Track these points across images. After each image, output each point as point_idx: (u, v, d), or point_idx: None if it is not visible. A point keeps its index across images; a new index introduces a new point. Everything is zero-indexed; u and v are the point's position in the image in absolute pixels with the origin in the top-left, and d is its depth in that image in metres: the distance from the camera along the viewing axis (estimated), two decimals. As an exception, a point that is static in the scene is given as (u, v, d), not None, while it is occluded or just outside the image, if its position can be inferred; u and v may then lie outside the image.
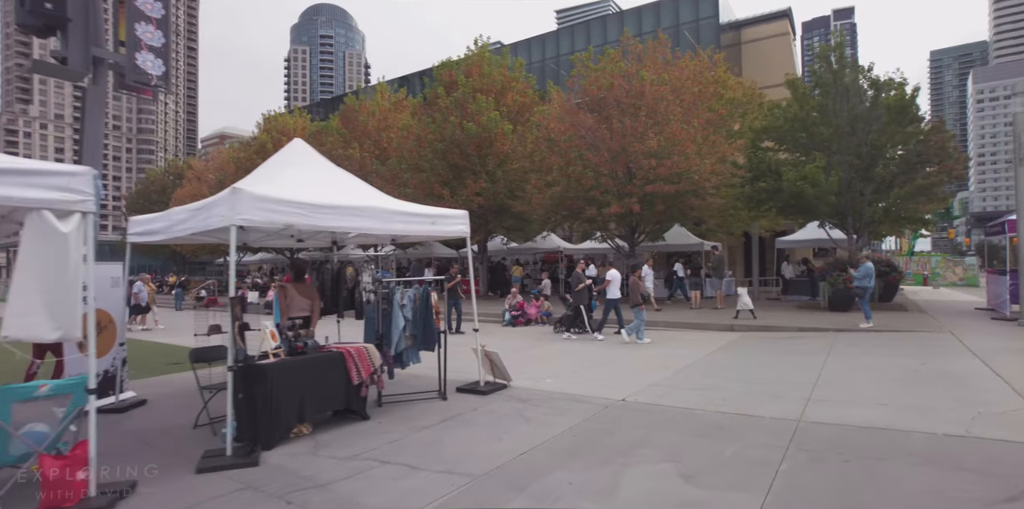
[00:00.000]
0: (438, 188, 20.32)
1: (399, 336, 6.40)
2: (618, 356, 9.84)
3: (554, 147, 18.57)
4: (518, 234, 24.60)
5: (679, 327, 13.74)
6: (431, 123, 21.10)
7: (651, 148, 16.51)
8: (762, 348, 10.43)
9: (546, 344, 11.65)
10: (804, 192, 15.47)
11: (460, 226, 7.02)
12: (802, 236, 21.21)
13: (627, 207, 17.06)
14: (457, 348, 9.46)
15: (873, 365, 8.34)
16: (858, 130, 16.31)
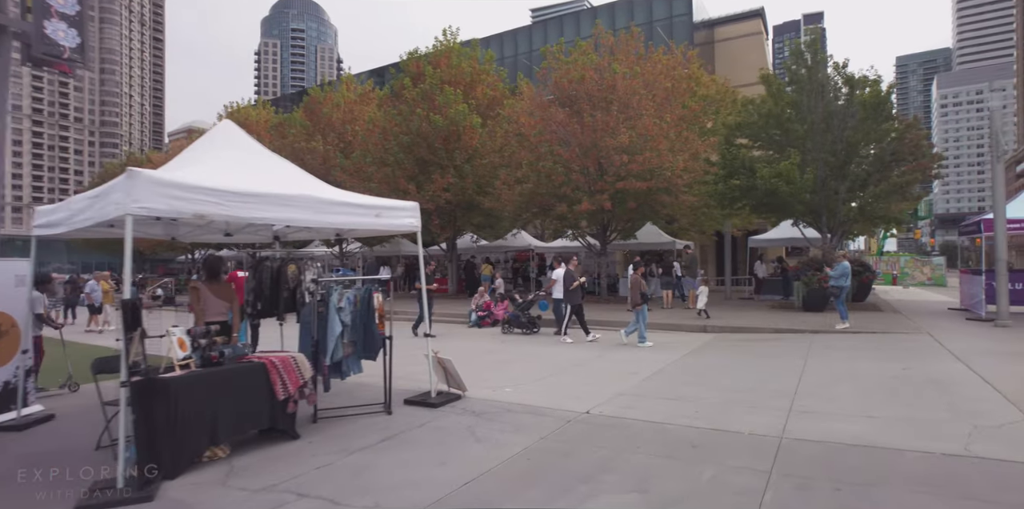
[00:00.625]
0: (404, 183, 19.51)
1: (336, 343, 5.67)
2: (585, 360, 9.21)
3: (524, 142, 17.93)
4: (488, 232, 23.91)
5: (651, 328, 13.16)
6: (397, 115, 20.28)
7: (623, 143, 15.96)
8: (737, 351, 9.91)
9: (511, 347, 10.99)
10: (778, 190, 15.07)
11: (409, 219, 6.31)
12: (775, 235, 20.91)
13: (598, 204, 16.50)
14: (415, 352, 8.78)
15: (854, 370, 7.85)
16: (833, 127, 15.98)
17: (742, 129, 17.08)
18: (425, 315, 6.98)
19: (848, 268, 12.63)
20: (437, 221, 20.43)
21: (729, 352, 9.82)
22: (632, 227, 20.11)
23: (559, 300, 12.72)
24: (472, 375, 7.74)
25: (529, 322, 13.28)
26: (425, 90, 20.14)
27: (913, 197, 16.50)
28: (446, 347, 10.71)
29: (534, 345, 11.24)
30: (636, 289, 11.06)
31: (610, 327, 13.48)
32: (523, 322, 13.30)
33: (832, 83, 16.65)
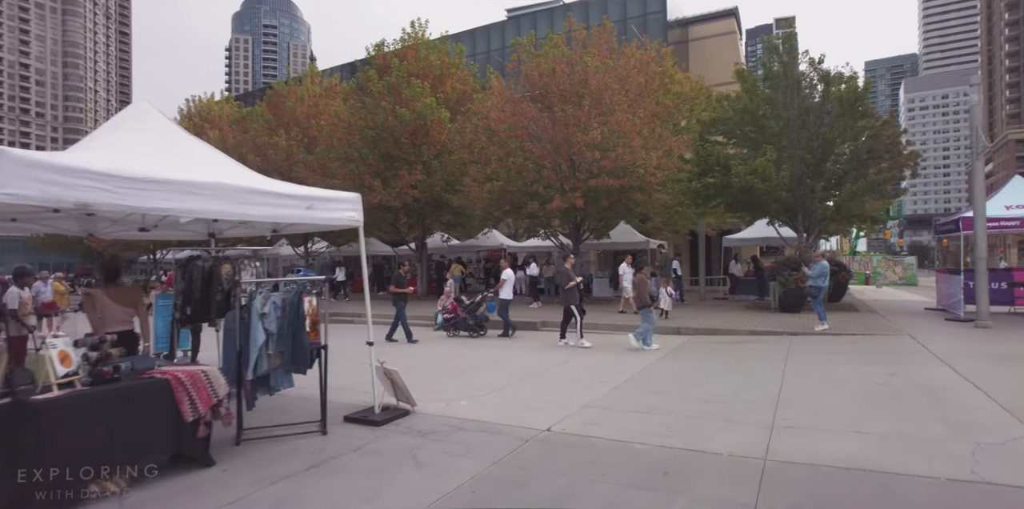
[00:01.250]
0: (369, 179, 18.70)
1: (259, 354, 4.94)
2: (551, 366, 8.57)
3: (493, 137, 17.27)
4: (459, 231, 23.21)
5: (622, 330, 12.60)
6: (361, 109, 19.45)
7: (595, 139, 15.38)
8: (712, 355, 9.37)
9: (473, 352, 10.30)
10: (754, 187, 14.64)
11: (348, 213, 5.59)
12: (750, 234, 20.56)
13: (570, 202, 15.91)
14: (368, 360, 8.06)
15: (837, 376, 7.33)
16: (809, 124, 15.62)
17: (716, 125, 16.64)
18: (370, 322, 6.24)
19: (827, 268, 12.22)
20: (405, 219, 19.67)
21: (704, 356, 9.28)
22: (605, 226, 19.59)
23: (506, 301, 12.31)
24: (427, 385, 7.08)
25: (476, 325, 12.77)
26: (391, 83, 19.35)
27: (891, 195, 16.21)
28: (407, 352, 10.08)
29: (499, 349, 10.57)
30: (644, 289, 10.26)
31: (586, 330, 12.90)
32: (470, 325, 12.80)
33: (807, 79, 16.31)
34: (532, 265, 18.82)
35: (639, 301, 10.27)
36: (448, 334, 12.95)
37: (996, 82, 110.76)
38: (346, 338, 13.21)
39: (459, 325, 12.91)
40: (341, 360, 8.24)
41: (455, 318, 13.06)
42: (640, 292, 10.27)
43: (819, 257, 12.93)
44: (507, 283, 12.62)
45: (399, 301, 12.00)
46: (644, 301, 10.15)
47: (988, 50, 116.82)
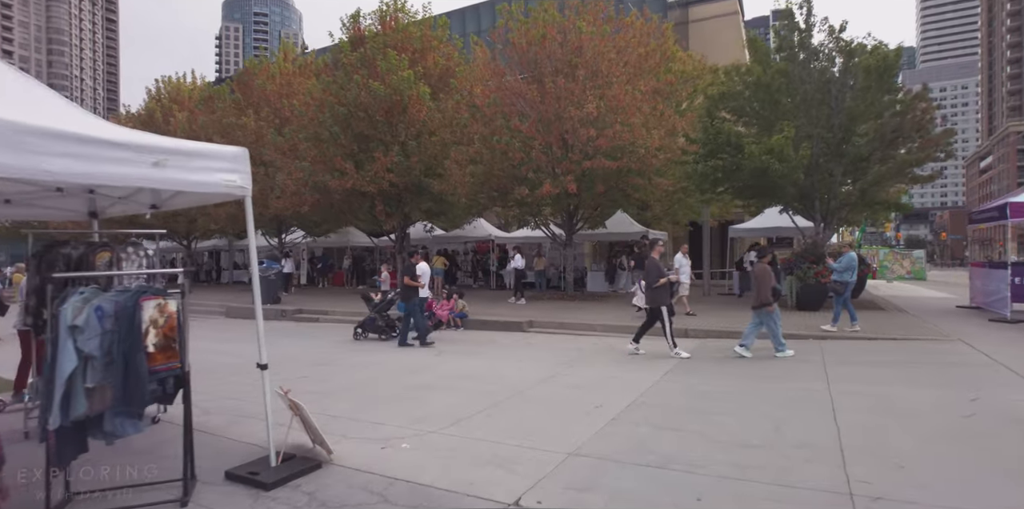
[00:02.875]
0: (340, 162, 16.88)
1: (71, 388, 3.19)
2: (535, 382, 6.84)
3: (477, 114, 15.48)
4: (443, 220, 21.40)
5: (622, 332, 10.91)
6: (332, 84, 17.59)
7: (590, 114, 13.63)
8: (732, 368, 7.65)
9: (442, 363, 8.57)
10: (770, 169, 12.90)
11: (224, 175, 3.81)
12: (758, 224, 18.85)
13: (562, 187, 14.17)
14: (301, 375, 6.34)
15: (901, 403, 5.63)
16: (830, 98, 13.88)
17: (725, 101, 14.86)
18: (260, 337, 4.53)
19: (855, 260, 10.58)
20: (381, 207, 17.88)
21: (722, 369, 7.56)
22: (601, 215, 17.87)
23: (424, 299, 10.83)
24: (369, 413, 5.39)
25: (387, 326, 11.25)
26: (365, 55, 17.50)
27: (924, 179, 14.50)
28: (356, 363, 8.36)
29: (475, 359, 8.83)
30: (766, 282, 8.31)
31: (579, 331, 11.18)
32: (379, 326, 11.26)
33: (825, 50, 14.55)
34: (517, 257, 17.10)
35: (760, 297, 8.37)
36: (355, 335, 11.35)
37: (996, 74, 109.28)
38: (302, 339, 11.66)
39: (367, 326, 11.34)
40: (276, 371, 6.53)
41: (364, 320, 11.57)
42: (763, 287, 8.35)
43: (846, 248, 11.27)
44: (424, 278, 10.96)
45: (412, 296, 10.29)
46: (765, 298, 8.28)
47: (988, 42, 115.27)
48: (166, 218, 25.29)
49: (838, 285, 10.50)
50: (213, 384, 7.11)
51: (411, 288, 10.33)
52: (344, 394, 6.45)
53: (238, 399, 6.24)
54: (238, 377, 7.63)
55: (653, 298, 8.68)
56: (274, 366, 8.30)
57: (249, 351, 9.92)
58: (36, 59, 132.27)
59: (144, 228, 6.89)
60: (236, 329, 13.83)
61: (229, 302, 17.78)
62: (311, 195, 17.91)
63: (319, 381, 7.23)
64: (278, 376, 7.49)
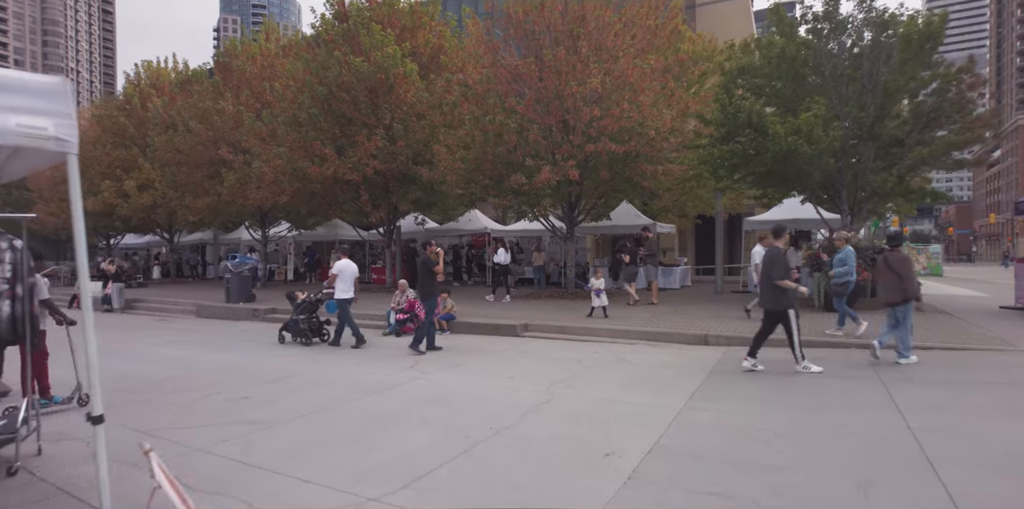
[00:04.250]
0: (319, 147, 15.41)
1: None
2: (526, 411, 5.40)
3: (468, 93, 13.99)
4: (435, 212, 19.95)
5: (629, 338, 9.47)
6: (312, 61, 16.09)
7: (594, 91, 12.15)
8: (772, 389, 6.20)
9: (417, 379, 7.12)
10: (797, 152, 11.43)
11: (21, 118, 2.35)
12: (776, 215, 17.32)
13: (563, 174, 12.72)
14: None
15: (1016, 446, 4.19)
16: (862, 73, 12.39)
17: (745, 76, 13.34)
18: (91, 350, 3.08)
19: (853, 256, 9.34)
20: (366, 196, 16.41)
21: (760, 391, 6.10)
22: (605, 205, 16.40)
23: (342, 301, 9.64)
24: (304, 457, 3.99)
25: (311, 329, 10.07)
26: (348, 29, 15.99)
27: (971, 163, 13.03)
28: (315, 379, 6.84)
29: (453, 374, 7.38)
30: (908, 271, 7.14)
31: (580, 336, 9.73)
32: (301, 329, 9.99)
33: (854, 22, 13.04)
34: (500, 251, 15.67)
35: (908, 291, 7.11)
36: (279, 339, 10.22)
37: (1005, 66, 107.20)
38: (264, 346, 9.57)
39: (292, 329, 10.13)
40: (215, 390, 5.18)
41: (287, 321, 10.41)
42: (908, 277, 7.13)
43: (841, 242, 9.94)
44: (340, 278, 9.68)
45: (432, 291, 9.08)
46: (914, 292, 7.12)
47: (997, 34, 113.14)
48: (146, 210, 23.95)
49: (839, 287, 9.17)
50: (139, 405, 5.75)
51: (429, 285, 9.02)
52: (283, 427, 5.02)
53: (157, 432, 4.84)
54: (178, 395, 6.25)
55: (774, 298, 6.98)
56: (217, 381, 6.93)
57: (207, 360, 8.52)
58: (31, 51, 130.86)
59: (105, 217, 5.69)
60: (205, 331, 12.44)
61: (203, 300, 16.37)
62: (290, 184, 16.45)
63: (260, 405, 5.80)
64: (216, 396, 6.10)
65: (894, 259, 7.30)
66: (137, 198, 22.91)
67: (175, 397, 6.25)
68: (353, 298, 9.80)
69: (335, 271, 9.76)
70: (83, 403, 5.87)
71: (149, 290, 21.56)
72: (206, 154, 19.96)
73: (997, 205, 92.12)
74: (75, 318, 5.83)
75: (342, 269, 9.70)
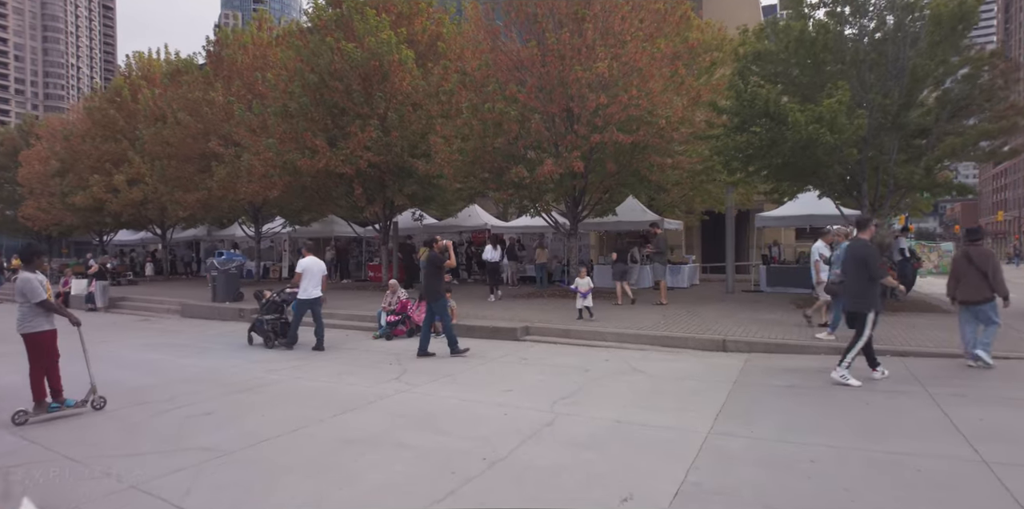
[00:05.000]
0: (310, 138, 14.64)
1: None
2: (521, 439, 4.64)
3: (466, 80, 13.19)
4: (431, 206, 19.16)
5: (640, 342, 8.70)
6: (303, 48, 15.31)
7: (600, 76, 11.36)
8: (814, 411, 5.42)
9: (403, 391, 6.37)
10: (819, 142, 10.63)
11: None
12: (789, 211, 16.52)
13: (567, 166, 11.94)
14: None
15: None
16: (885, 58, 11.58)
17: (761, 62, 12.53)
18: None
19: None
20: (361, 190, 15.64)
21: (797, 409, 5.32)
22: (610, 200, 15.61)
23: (306, 301, 9.09)
24: (253, 497, 3.20)
25: (273, 330, 9.51)
26: (341, 14, 15.21)
27: (1005, 156, 12.21)
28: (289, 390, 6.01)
29: (443, 387, 6.61)
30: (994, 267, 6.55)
31: (586, 341, 8.96)
32: (264, 330, 9.56)
33: (876, 4, 12.22)
34: (488, 248, 14.90)
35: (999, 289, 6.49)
36: (249, 339, 9.83)
37: (1012, 60, 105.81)
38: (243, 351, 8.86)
39: (256, 329, 9.79)
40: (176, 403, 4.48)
41: (253, 322, 9.95)
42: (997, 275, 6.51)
43: (840, 237, 9.13)
44: (305, 276, 9.07)
45: (439, 295, 8.33)
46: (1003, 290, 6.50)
47: (1005, 29, 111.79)
48: (136, 206, 23.21)
49: (834, 286, 8.36)
50: (89, 421, 5.05)
51: (437, 284, 8.31)
52: (241, 455, 4.28)
53: (95, 460, 4.10)
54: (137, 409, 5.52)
55: (862, 298, 6.07)
56: (183, 392, 6.18)
57: (180, 366, 7.78)
58: (31, 46, 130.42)
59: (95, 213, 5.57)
60: (186, 332, 11.74)
61: (189, 299, 15.64)
62: (280, 178, 15.69)
63: (222, 423, 5.06)
64: (177, 411, 5.38)
65: (976, 254, 6.59)
66: (127, 193, 22.16)
67: (132, 411, 5.52)
68: (320, 297, 9.21)
69: (299, 269, 9.16)
70: (97, 407, 5.60)
71: (137, 288, 20.87)
72: (196, 147, 19.22)
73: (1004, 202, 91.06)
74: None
75: (306, 267, 9.09)
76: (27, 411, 5.21)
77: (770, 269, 16.63)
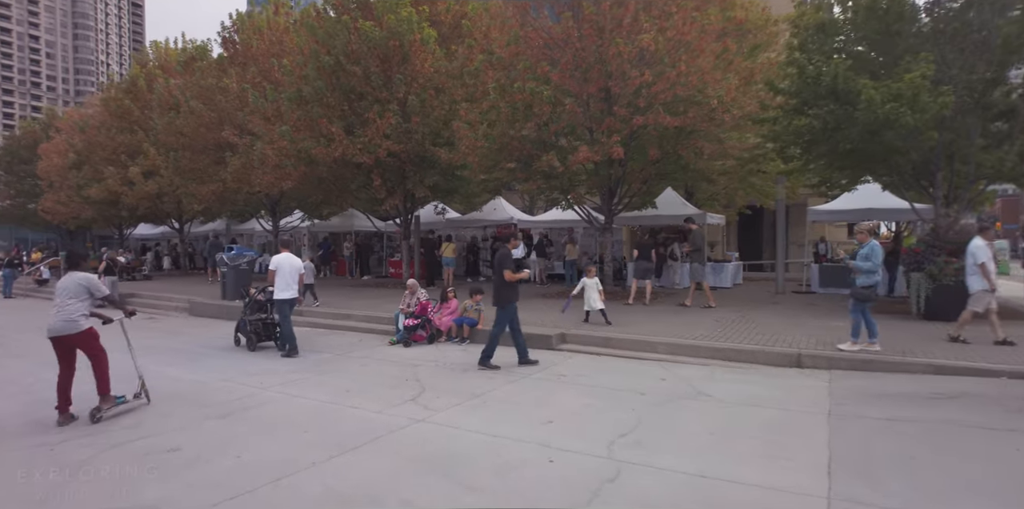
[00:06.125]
0: (326, 125, 13.60)
1: None
2: (580, 499, 3.49)
3: (493, 59, 12.01)
4: (454, 199, 18.07)
5: (697, 355, 7.46)
6: (318, 28, 14.26)
7: (645, 49, 10.10)
8: (944, 455, 4.17)
9: (425, 413, 5.25)
10: (898, 122, 9.25)
11: None
12: (845, 204, 15.00)
13: (604, 152, 10.69)
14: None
15: None
16: (970, 27, 10.14)
17: (824, 35, 11.11)
18: None
19: (879, 251, 7.23)
20: (379, 181, 14.58)
21: (928, 455, 4.07)
22: (648, 192, 14.31)
23: (284, 301, 8.38)
24: None
25: (255, 332, 8.79)
26: (359, -7, 14.14)
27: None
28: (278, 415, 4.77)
29: (465, 414, 5.47)
30: None
31: (634, 352, 7.74)
32: (247, 331, 8.88)
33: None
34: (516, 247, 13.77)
35: None
36: (235, 340, 9.24)
37: None
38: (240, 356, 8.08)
39: (240, 329, 9.16)
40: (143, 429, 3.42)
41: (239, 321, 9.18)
42: None
43: (864, 235, 7.77)
44: (278, 274, 8.37)
45: (509, 296, 6.99)
46: None
47: None
48: (151, 198, 22.53)
49: (864, 291, 7.12)
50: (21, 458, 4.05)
51: (508, 287, 7.00)
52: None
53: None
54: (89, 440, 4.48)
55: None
56: (154, 413, 5.17)
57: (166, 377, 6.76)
58: (62, 44, 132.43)
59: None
60: (188, 333, 10.83)
61: (199, 296, 14.76)
62: (295, 168, 14.69)
63: (184, 467, 3.99)
64: (135, 444, 4.33)
65: None
66: (142, 185, 21.47)
67: (80, 444, 4.49)
68: (295, 298, 8.61)
69: (272, 267, 8.45)
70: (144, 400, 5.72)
71: (151, 284, 20.14)
72: (210, 137, 18.34)
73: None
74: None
75: (279, 264, 8.37)
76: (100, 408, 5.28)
77: (823, 268, 15.17)
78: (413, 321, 9.02)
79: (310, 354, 8.22)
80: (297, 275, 8.57)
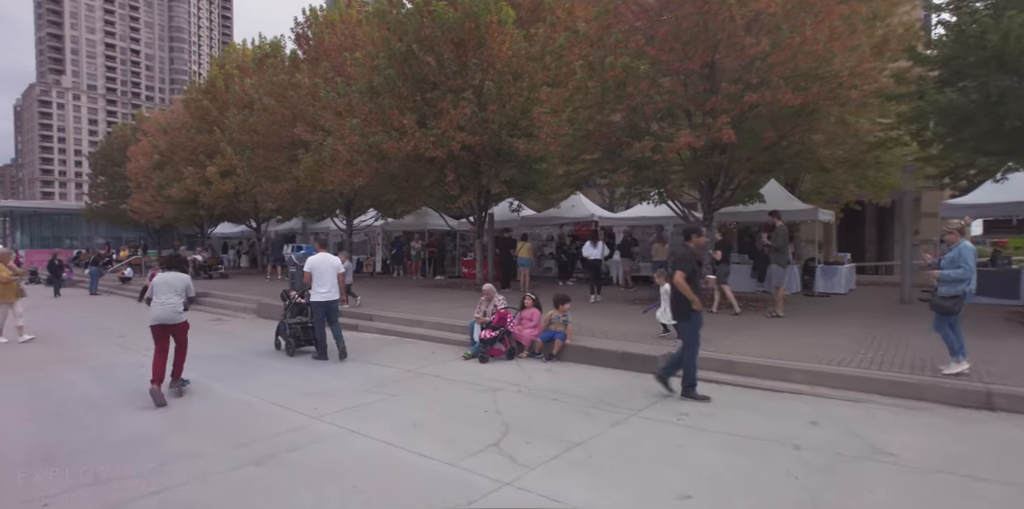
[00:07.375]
0: (397, 117, 12.71)
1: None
2: None
3: (578, 37, 10.68)
4: (530, 194, 16.85)
5: (843, 386, 5.89)
6: (388, 15, 13.40)
7: (761, 10, 8.53)
8: None
9: (512, 474, 4.04)
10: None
11: None
12: (980, 198, 12.62)
13: (709, 137, 9.17)
14: None
15: None
16: None
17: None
18: None
19: (972, 253, 5.69)
20: (452, 176, 13.58)
21: None
22: (751, 184, 12.54)
23: (319, 304, 7.93)
24: None
25: (294, 336, 8.38)
26: (430, -27, 13.16)
27: None
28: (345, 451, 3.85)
29: (567, 471, 4.20)
30: None
31: (769, 381, 6.23)
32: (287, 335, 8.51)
33: None
34: (587, 245, 12.43)
35: None
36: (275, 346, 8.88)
37: None
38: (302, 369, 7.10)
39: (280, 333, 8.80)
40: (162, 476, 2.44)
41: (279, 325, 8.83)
42: None
43: (953, 235, 5.87)
44: (314, 276, 7.95)
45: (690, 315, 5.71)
46: None
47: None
48: (228, 198, 22.65)
49: (946, 302, 5.63)
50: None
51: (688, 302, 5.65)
52: None
53: None
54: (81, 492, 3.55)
55: None
56: (175, 453, 4.23)
57: (212, 393, 5.89)
58: (160, 56, 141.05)
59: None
60: (250, 337, 10.21)
61: (267, 297, 14.25)
62: (366, 164, 13.90)
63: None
64: (138, 503, 3.33)
65: None
66: (219, 184, 21.56)
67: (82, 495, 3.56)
68: (337, 300, 8.14)
69: (307, 268, 8.01)
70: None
71: (226, 282, 20.05)
72: (283, 134, 17.98)
73: None
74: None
75: (314, 265, 7.90)
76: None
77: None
78: (491, 333, 7.86)
79: (378, 369, 7.23)
80: (335, 276, 8.03)
